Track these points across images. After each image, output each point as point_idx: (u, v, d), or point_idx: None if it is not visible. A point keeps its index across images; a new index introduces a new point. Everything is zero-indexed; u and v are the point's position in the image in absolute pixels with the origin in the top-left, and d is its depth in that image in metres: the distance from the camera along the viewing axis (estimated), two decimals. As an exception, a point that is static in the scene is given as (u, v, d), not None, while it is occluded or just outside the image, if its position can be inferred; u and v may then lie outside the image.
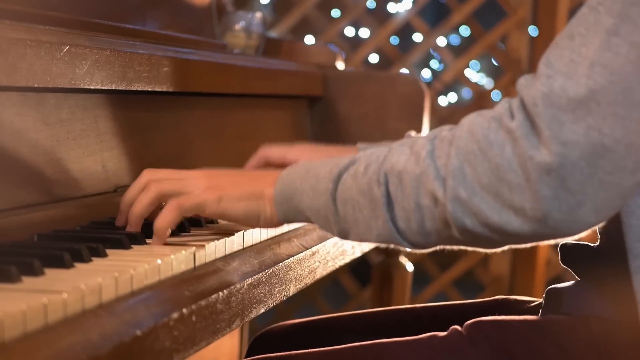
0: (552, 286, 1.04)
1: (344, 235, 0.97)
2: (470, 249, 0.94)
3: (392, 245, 0.95)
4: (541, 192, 0.82)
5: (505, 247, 0.92)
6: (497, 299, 1.21)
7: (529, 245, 0.90)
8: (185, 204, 1.04)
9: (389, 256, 2.01)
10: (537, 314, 1.04)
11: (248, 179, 1.07)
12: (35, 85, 0.99)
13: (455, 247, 0.94)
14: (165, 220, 1.01)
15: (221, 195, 1.04)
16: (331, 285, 3.33)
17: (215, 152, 1.51)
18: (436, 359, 0.99)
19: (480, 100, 3.20)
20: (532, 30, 3.05)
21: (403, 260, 2.02)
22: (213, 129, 1.51)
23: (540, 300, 1.12)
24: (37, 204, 1.04)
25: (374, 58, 3.34)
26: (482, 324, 0.99)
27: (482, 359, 0.95)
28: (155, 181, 1.05)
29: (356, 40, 3.36)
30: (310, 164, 1.02)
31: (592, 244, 1.04)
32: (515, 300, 1.19)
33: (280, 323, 1.34)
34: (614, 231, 0.96)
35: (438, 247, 0.94)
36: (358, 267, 3.34)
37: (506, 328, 0.98)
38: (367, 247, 1.51)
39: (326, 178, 0.98)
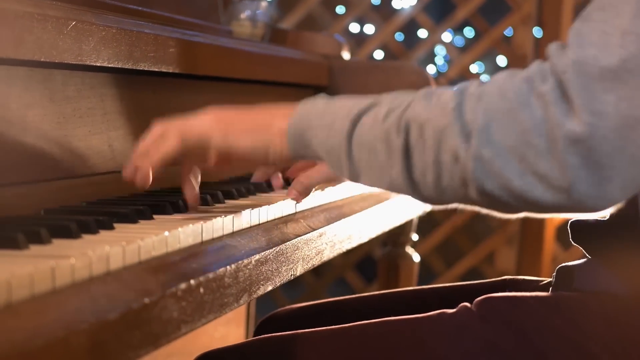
0: (563, 264, 1.03)
1: (355, 178, 0.93)
2: (484, 211, 0.91)
3: (401, 195, 0.92)
4: (568, 160, 0.79)
5: (520, 215, 0.89)
6: (506, 279, 1.21)
7: (547, 215, 0.87)
8: (189, 132, 1.01)
9: (395, 247, 2.00)
10: (547, 292, 1.03)
11: (258, 112, 1.04)
12: (42, 60, 0.99)
13: (467, 207, 0.91)
14: (165, 146, 0.99)
15: (228, 128, 1.01)
16: (336, 283, 3.32)
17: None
18: (445, 335, 0.98)
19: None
20: (537, 32, 3.04)
21: (409, 250, 2.01)
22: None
23: (550, 279, 1.11)
24: (43, 179, 1.03)
25: (379, 54, 3.34)
26: (492, 300, 0.98)
27: (492, 335, 0.94)
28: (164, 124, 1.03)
29: (361, 36, 3.36)
30: (330, 100, 0.98)
31: (602, 219, 1.03)
32: (524, 279, 1.18)
33: (287, 307, 1.33)
34: (625, 206, 0.95)
35: (450, 205, 0.92)
36: (363, 264, 3.34)
37: (517, 304, 0.97)
38: (374, 231, 1.50)
39: (344, 117, 0.94)
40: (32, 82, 1.03)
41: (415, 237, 2.01)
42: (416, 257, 2.01)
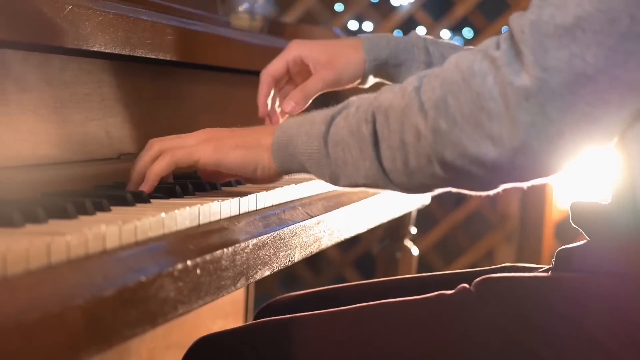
0: (563, 247, 1.03)
1: (335, 180, 0.98)
2: (463, 192, 0.93)
3: (379, 190, 0.96)
4: (519, 118, 0.82)
5: (496, 190, 0.91)
6: (505, 266, 1.20)
7: (513, 184, 0.88)
8: (179, 153, 1.05)
9: (394, 240, 1.99)
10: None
11: (246, 131, 1.09)
12: (39, 42, 0.98)
13: (440, 190, 0.94)
14: (158, 166, 1.03)
15: (217, 145, 1.06)
16: (335, 280, 3.31)
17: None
18: (444, 316, 0.97)
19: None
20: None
21: (408, 244, 2.00)
22: (217, 104, 1.50)
23: (550, 266, 1.11)
24: (39, 164, 1.03)
25: (377, 51, 3.33)
26: (491, 281, 0.98)
27: (491, 315, 0.94)
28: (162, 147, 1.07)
29: (360, 33, 3.35)
30: (309, 112, 1.03)
31: (602, 203, 1.03)
32: (524, 266, 1.17)
33: (285, 295, 1.33)
34: (623, 189, 0.95)
35: (424, 192, 0.94)
36: (362, 261, 3.33)
37: (515, 284, 0.96)
38: (372, 222, 1.50)
39: (320, 122, 0.99)
40: (29, 66, 1.03)
41: (414, 230, 2.01)
42: (415, 251, 2.01)
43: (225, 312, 1.99)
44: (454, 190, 0.94)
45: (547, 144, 0.82)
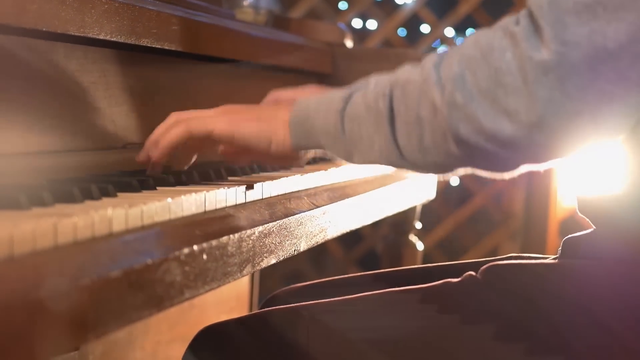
0: (569, 236, 1.02)
1: (349, 156, 0.98)
2: (479, 174, 0.92)
3: (393, 168, 0.95)
4: (537, 93, 0.81)
5: (513, 173, 0.90)
6: (511, 256, 1.20)
7: (527, 166, 0.87)
8: (194, 122, 1.05)
9: (399, 234, 1.99)
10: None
11: (264, 106, 1.11)
12: (44, 30, 0.98)
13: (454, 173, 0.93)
14: (171, 134, 1.04)
15: (233, 117, 1.06)
16: (339, 278, 3.31)
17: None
18: (450, 303, 0.97)
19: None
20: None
21: (413, 239, 2.00)
22: (222, 96, 1.50)
23: (555, 255, 1.10)
24: (44, 151, 1.03)
25: (381, 49, 3.33)
26: (498, 268, 0.97)
27: (498, 301, 0.93)
28: (179, 118, 1.08)
29: (364, 31, 3.35)
30: (329, 90, 1.03)
31: (610, 194, 1.02)
32: (530, 256, 1.17)
33: (289, 286, 1.33)
34: (635, 180, 0.94)
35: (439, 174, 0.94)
36: (366, 259, 3.33)
37: (523, 271, 0.96)
38: (377, 214, 1.49)
39: (339, 99, 0.99)
40: (34, 53, 1.03)
41: (419, 225, 2.00)
42: (420, 246, 2.00)
43: (229, 307, 1.98)
44: (468, 172, 0.93)
45: (565, 121, 0.81)
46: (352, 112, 0.96)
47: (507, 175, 0.92)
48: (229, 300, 2.00)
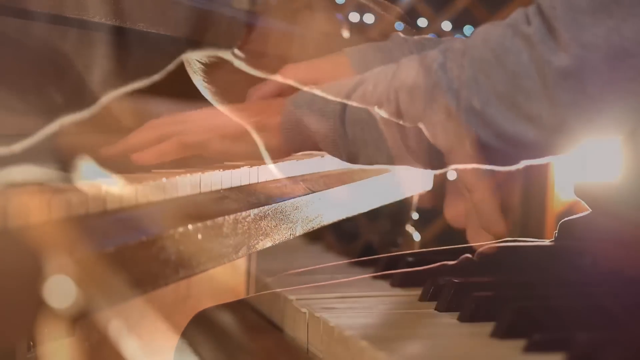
0: (565, 219, 1.02)
1: (353, 159, 0.95)
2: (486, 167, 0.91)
3: (402, 167, 0.94)
4: (559, 97, 0.79)
5: (517, 165, 0.89)
6: (507, 241, 1.19)
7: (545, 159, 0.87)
8: (185, 140, 1.03)
9: (395, 224, 1.98)
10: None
11: (251, 113, 1.06)
12: (38, 11, 0.98)
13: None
14: (161, 151, 1.00)
15: (223, 133, 1.04)
16: (336, 273, 3.30)
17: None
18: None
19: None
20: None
21: (409, 229, 2.00)
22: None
23: (552, 239, 1.10)
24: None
25: (378, 43, 3.33)
26: (494, 250, 0.97)
27: (494, 282, 0.93)
28: (158, 123, 1.05)
29: (361, 25, 3.35)
30: (316, 89, 1.00)
31: (606, 180, 1.02)
32: (525, 240, 1.17)
33: (286, 272, 1.32)
34: (634, 169, 0.94)
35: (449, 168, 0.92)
36: (363, 255, 3.32)
37: (519, 252, 0.96)
38: (373, 202, 1.49)
39: (333, 100, 0.96)
40: (26, 35, 1.03)
41: (415, 215, 2.00)
42: (417, 236, 2.00)
43: (226, 299, 1.98)
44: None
45: (586, 122, 0.80)
46: (352, 116, 0.94)
47: (512, 168, 0.91)
48: (225, 291, 2.00)
